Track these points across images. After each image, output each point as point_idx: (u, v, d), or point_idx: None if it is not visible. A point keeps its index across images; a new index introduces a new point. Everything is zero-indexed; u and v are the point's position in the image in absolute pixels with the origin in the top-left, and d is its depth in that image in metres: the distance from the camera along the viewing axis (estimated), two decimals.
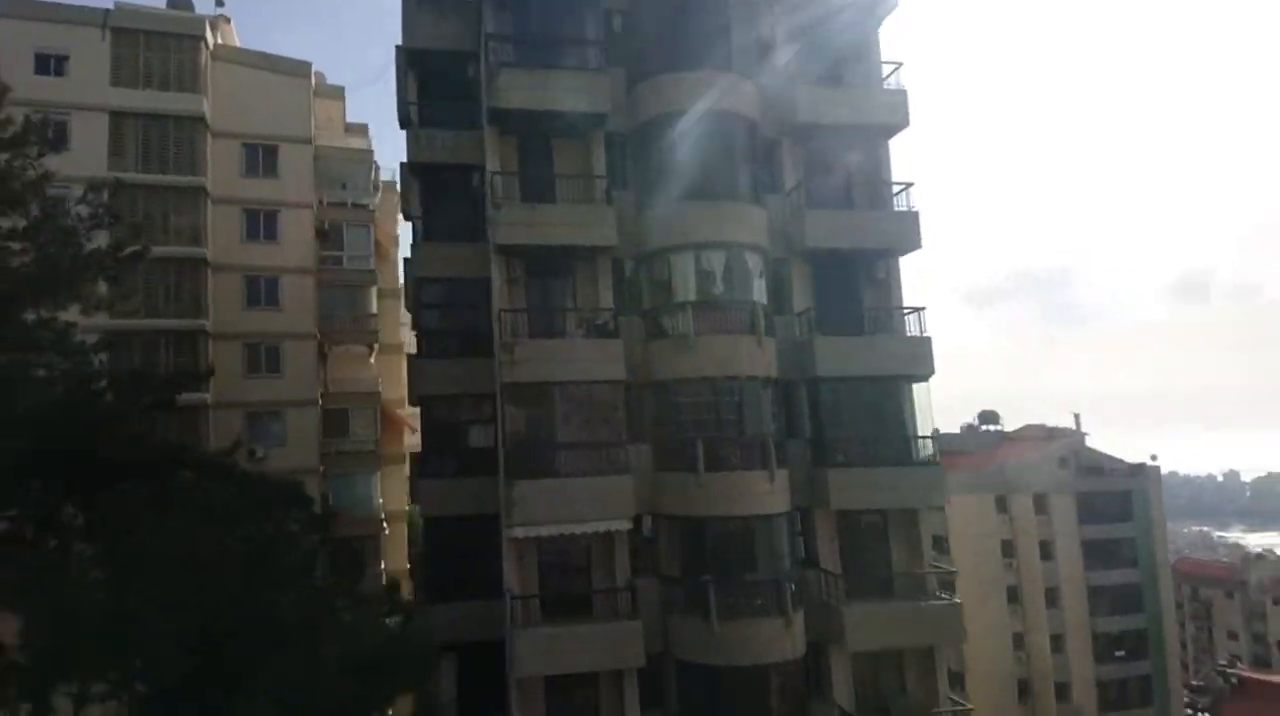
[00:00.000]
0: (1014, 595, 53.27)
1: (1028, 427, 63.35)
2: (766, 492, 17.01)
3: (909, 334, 19.42)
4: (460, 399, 20.03)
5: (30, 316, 17.61)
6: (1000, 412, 62.79)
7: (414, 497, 23.69)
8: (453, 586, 19.07)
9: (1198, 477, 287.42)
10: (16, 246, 17.33)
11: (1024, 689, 52.33)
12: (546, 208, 18.07)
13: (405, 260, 23.27)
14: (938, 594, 19.02)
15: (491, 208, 18.02)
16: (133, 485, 16.19)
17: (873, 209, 20.02)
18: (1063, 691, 52.38)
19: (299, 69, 30.54)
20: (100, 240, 18.29)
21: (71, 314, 18.10)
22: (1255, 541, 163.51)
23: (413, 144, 20.59)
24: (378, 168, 34.26)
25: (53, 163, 18.03)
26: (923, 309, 19.46)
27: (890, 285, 19.91)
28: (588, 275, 18.62)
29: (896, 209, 19.96)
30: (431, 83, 21.30)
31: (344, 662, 13.67)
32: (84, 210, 18.13)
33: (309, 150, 30.04)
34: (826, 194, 19.94)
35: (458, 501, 19.37)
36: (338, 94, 35.47)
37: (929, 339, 19.15)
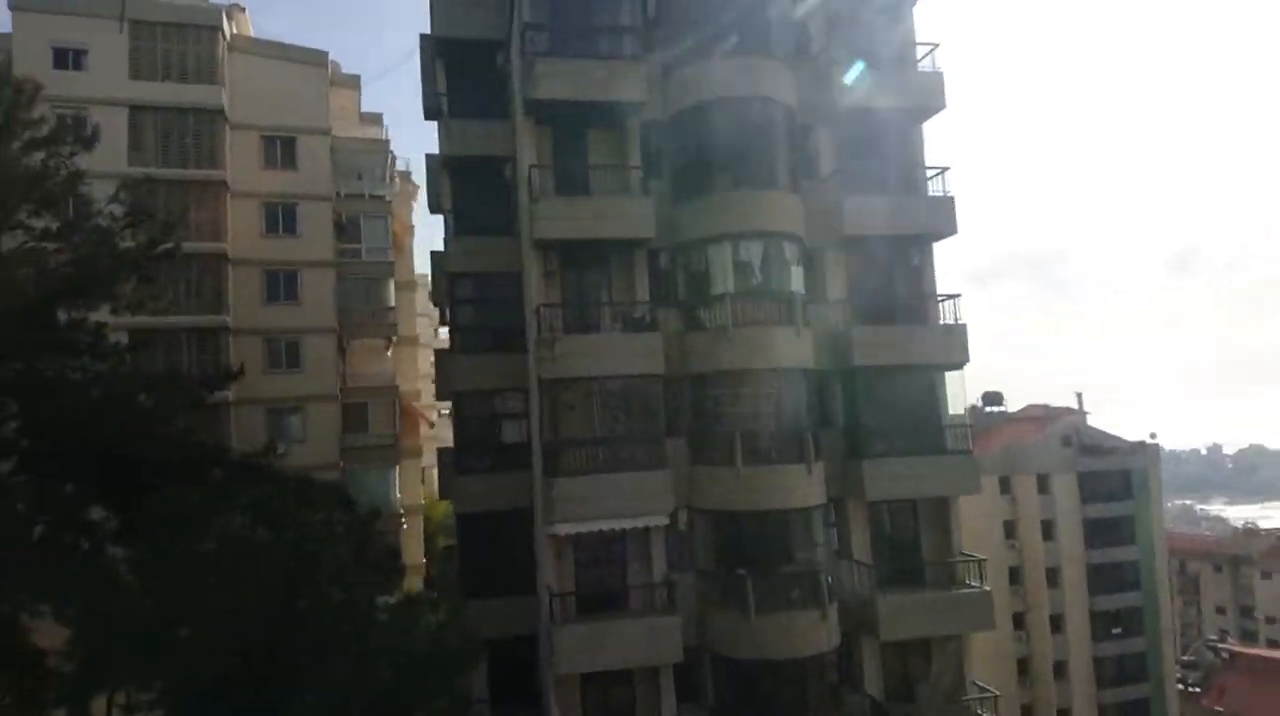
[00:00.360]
0: (1015, 575, 53.99)
1: (1030, 407, 63.86)
2: (804, 485, 17.04)
3: (943, 322, 19.55)
4: (493, 394, 20.03)
5: (62, 317, 17.56)
6: (1001, 392, 63.51)
7: (441, 492, 23.74)
8: (482, 582, 19.17)
9: (1182, 452, 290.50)
10: (51, 247, 17.23)
11: (1023, 667, 53.19)
12: (584, 200, 17.97)
13: (433, 254, 23.23)
14: (967, 581, 19.31)
15: (529, 201, 17.94)
16: (175, 487, 16.22)
17: (908, 194, 19.86)
18: (1061, 669, 53.23)
19: (316, 58, 30.23)
20: (129, 238, 18.19)
21: (96, 313, 18.05)
22: (1236, 514, 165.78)
23: (444, 136, 20.46)
24: (394, 158, 34.04)
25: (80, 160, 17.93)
26: (958, 296, 19.51)
27: (924, 272, 19.82)
28: (623, 267, 18.52)
29: (931, 194, 19.97)
30: (459, 72, 21.14)
31: (392, 660, 13.77)
32: (117, 209, 18.03)
33: (327, 141, 29.80)
34: (862, 179, 19.64)
35: (490, 497, 19.42)
36: (353, 83, 35.15)
37: (964, 327, 19.14)
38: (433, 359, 49.71)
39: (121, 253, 17.67)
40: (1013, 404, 65.74)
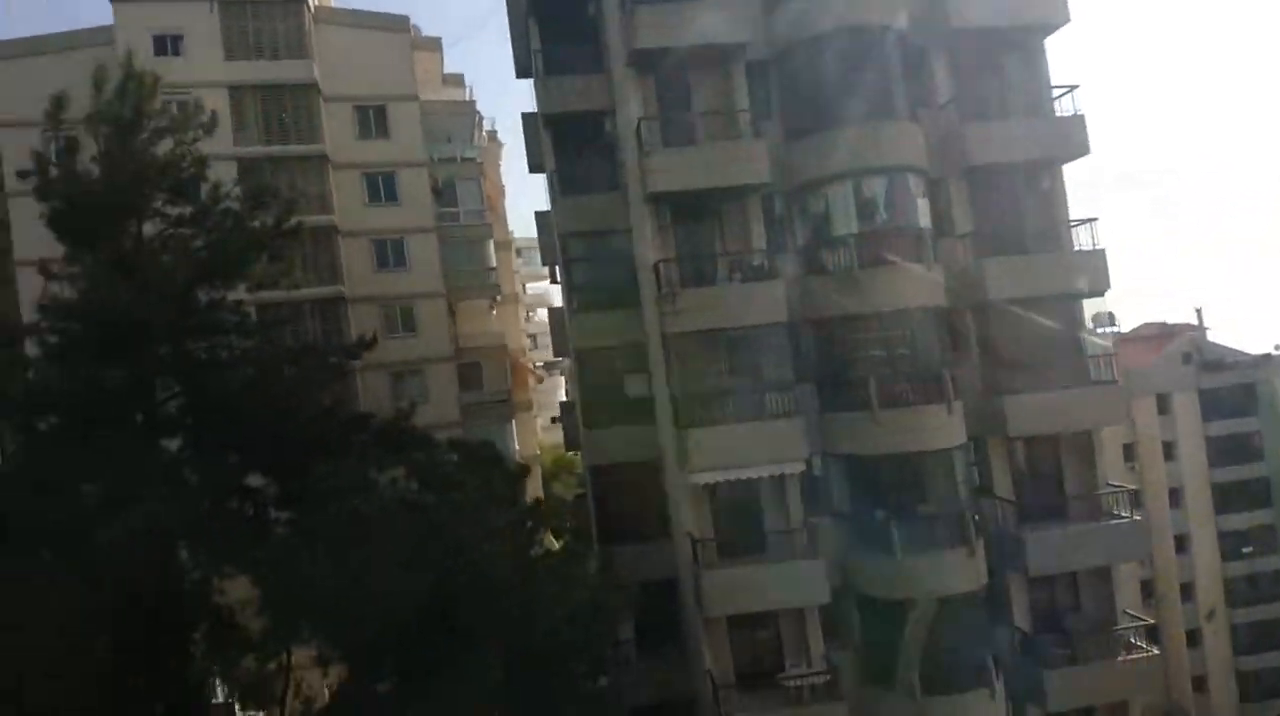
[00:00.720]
0: (1137, 499, 52.10)
1: (1145, 327, 60.63)
2: (944, 426, 16.65)
3: (1077, 247, 18.59)
4: (612, 350, 20.16)
5: (203, 298, 18.34)
6: (1113, 313, 60.10)
7: (568, 445, 24.34)
8: (615, 530, 19.69)
9: None
10: (187, 232, 17.92)
11: (1148, 590, 51.70)
12: (694, 149, 17.67)
13: (538, 214, 23.30)
14: (1117, 512, 18.69)
15: (639, 155, 17.70)
16: (327, 454, 16.96)
17: (1033, 116, 18.89)
18: (1187, 591, 51.59)
19: (397, 24, 30.19)
20: (256, 218, 18.72)
21: (233, 292, 18.77)
22: None
23: (542, 93, 20.27)
24: (480, 118, 34.02)
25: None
26: (1094, 220, 18.54)
27: (1055, 197, 18.91)
28: (737, 215, 18.22)
29: (1059, 114, 18.82)
30: (552, 28, 20.81)
31: (556, 608, 14.24)
32: (242, 190, 18.60)
33: (415, 107, 29.93)
34: (982, 103, 18.82)
35: (618, 449, 19.74)
36: (434, 45, 34.97)
37: (1103, 252, 18.20)
38: (526, 314, 50.81)
39: (251, 233, 18.24)
40: (1126, 325, 62.55)
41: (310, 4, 28.87)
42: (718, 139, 17.96)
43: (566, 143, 20.70)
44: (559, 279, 24.97)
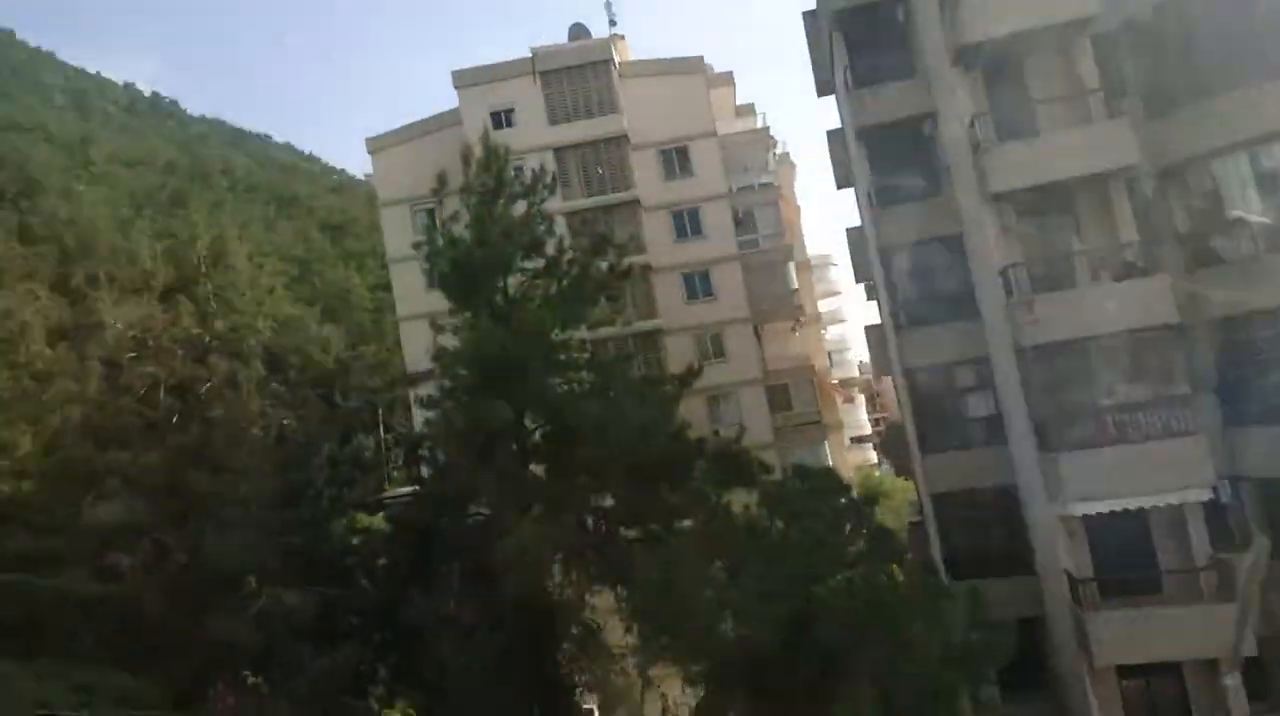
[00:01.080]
0: None
1: None
2: None
3: None
4: (949, 366, 19.00)
5: (555, 338, 20.21)
6: None
7: (898, 470, 23.29)
8: (963, 563, 18.19)
9: None
10: (540, 283, 19.94)
11: None
12: (1042, 140, 16.20)
13: (847, 230, 22.82)
14: None
15: (973, 154, 16.56)
16: (672, 478, 17.69)
17: None
18: None
19: (693, 67, 31.54)
20: (595, 266, 20.33)
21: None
22: None
23: (854, 107, 19.93)
24: (775, 143, 34.40)
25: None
26: None
27: None
28: (1096, 206, 16.35)
29: None
30: (857, 41, 20.45)
31: (929, 646, 13.38)
32: (584, 242, 20.34)
33: (714, 143, 30.96)
34: None
35: (964, 475, 18.49)
36: (726, 80, 36.11)
37: None
38: (825, 333, 50.10)
39: (593, 278, 19.85)
40: None
41: (615, 63, 31.17)
42: (1067, 125, 16.30)
43: (880, 154, 20.15)
44: (875, 295, 24.22)
